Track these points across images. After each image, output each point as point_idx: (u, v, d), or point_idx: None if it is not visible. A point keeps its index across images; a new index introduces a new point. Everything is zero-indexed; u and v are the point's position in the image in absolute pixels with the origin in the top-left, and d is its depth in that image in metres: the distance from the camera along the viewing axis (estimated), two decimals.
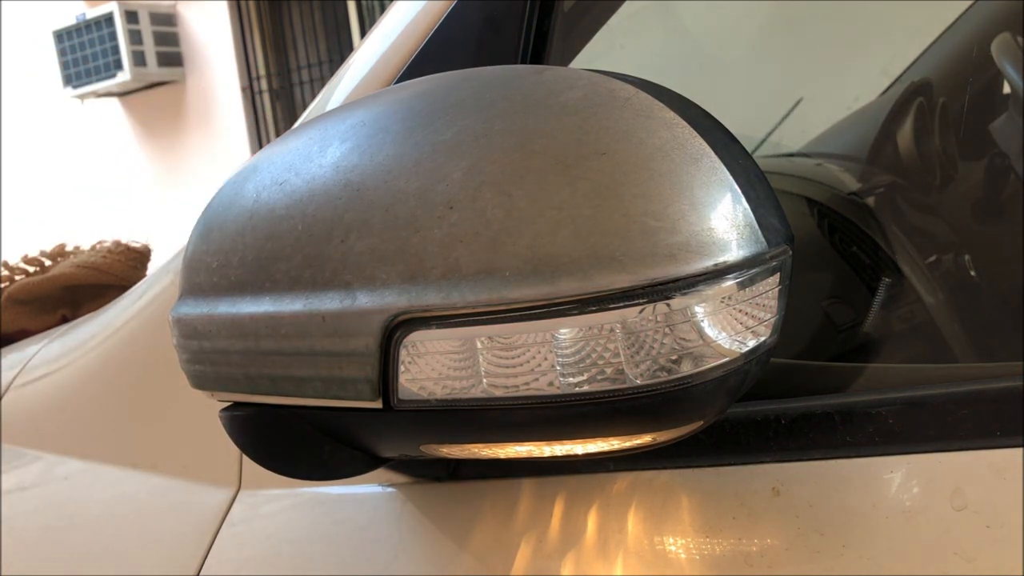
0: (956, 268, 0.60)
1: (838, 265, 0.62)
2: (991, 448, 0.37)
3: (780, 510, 0.40)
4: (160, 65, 4.96)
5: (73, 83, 5.06)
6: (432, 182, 0.34)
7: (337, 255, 0.35)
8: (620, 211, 0.31)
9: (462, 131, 0.34)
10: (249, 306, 0.38)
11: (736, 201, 0.32)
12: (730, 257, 0.32)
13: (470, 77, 0.37)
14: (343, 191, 0.36)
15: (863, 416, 0.40)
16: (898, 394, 0.40)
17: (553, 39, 0.51)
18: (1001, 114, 0.72)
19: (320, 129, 0.39)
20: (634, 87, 0.34)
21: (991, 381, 0.39)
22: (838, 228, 0.64)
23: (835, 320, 0.57)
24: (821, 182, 0.70)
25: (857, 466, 0.39)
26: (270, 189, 0.39)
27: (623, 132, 0.32)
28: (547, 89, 0.35)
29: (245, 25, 4.90)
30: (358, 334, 0.35)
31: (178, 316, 0.42)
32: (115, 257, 1.00)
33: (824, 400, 0.41)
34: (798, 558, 0.39)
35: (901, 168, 0.71)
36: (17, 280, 0.99)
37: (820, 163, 0.78)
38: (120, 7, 4.77)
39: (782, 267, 0.34)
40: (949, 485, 0.37)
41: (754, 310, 0.34)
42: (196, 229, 0.42)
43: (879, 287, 0.57)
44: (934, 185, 0.73)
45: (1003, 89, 0.74)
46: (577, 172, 0.32)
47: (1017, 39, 0.70)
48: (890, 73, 0.90)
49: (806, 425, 0.41)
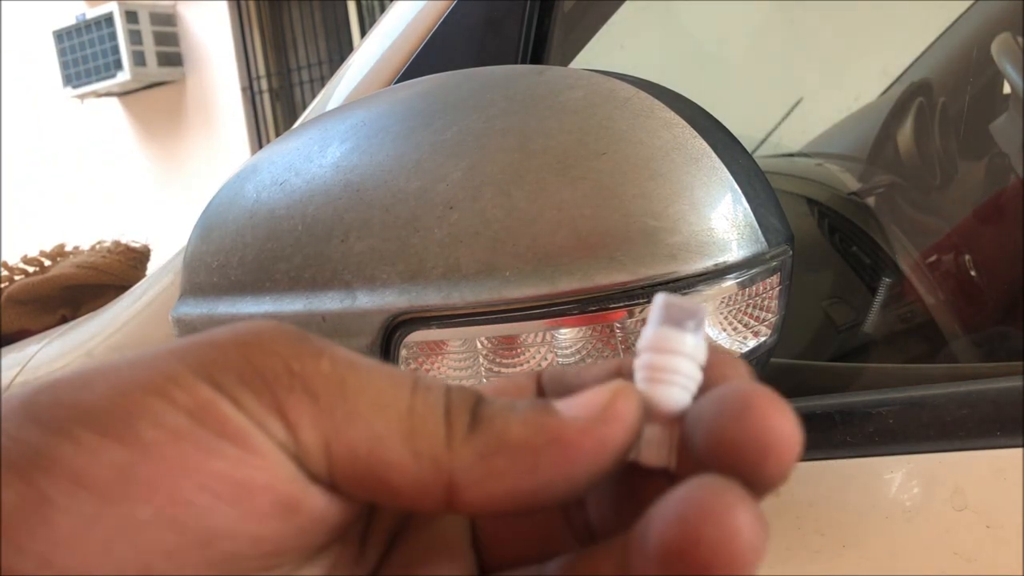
0: (956, 268, 0.60)
1: (838, 265, 0.62)
2: (991, 448, 0.37)
3: (780, 510, 0.40)
4: (160, 65, 4.95)
5: (73, 83, 5.06)
6: (432, 182, 0.34)
7: (337, 255, 0.35)
8: (620, 211, 0.31)
9: (462, 131, 0.34)
10: (249, 306, 0.38)
11: (736, 201, 0.32)
12: (730, 257, 0.32)
13: (470, 77, 0.37)
14: (343, 191, 0.36)
15: (863, 416, 0.40)
16: (898, 394, 0.40)
17: (553, 39, 0.51)
18: (1001, 114, 0.72)
19: (320, 129, 0.39)
20: (634, 87, 0.34)
21: (991, 381, 0.39)
22: (838, 228, 0.64)
23: (835, 320, 0.57)
24: (821, 182, 0.70)
25: (857, 466, 0.39)
26: (270, 189, 0.39)
27: (623, 132, 0.32)
28: (547, 89, 0.35)
29: (245, 25, 4.90)
30: (358, 334, 0.35)
31: (178, 316, 0.42)
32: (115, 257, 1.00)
33: (824, 400, 0.41)
34: (798, 558, 0.39)
35: (901, 168, 0.71)
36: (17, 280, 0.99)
37: (820, 163, 0.78)
38: (120, 7, 4.76)
39: (782, 267, 0.34)
40: (949, 485, 0.37)
41: (754, 310, 0.34)
42: (196, 229, 0.42)
43: (879, 287, 0.57)
44: (934, 185, 0.73)
45: (1003, 89, 0.74)
46: (577, 172, 0.32)
47: (1017, 39, 0.70)
48: (890, 73, 0.90)
49: (806, 425, 0.40)
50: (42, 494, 0.15)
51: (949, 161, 0.73)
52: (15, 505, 0.15)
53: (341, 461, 0.17)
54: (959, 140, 0.73)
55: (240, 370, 0.17)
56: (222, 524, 0.16)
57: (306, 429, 0.17)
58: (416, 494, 0.17)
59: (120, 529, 0.15)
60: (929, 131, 0.72)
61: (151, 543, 0.15)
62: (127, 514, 0.15)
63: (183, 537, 0.15)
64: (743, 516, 0.15)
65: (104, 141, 5.48)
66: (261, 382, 0.17)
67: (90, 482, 0.15)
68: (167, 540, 0.15)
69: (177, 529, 0.15)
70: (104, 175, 5.53)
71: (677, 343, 0.18)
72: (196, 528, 0.16)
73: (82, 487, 0.15)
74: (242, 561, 0.16)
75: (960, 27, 0.85)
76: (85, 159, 5.60)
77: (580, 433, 0.17)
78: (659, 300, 0.19)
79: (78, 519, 0.15)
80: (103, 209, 5.45)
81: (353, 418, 0.17)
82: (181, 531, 0.15)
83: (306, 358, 0.17)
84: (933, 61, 0.87)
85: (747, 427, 0.16)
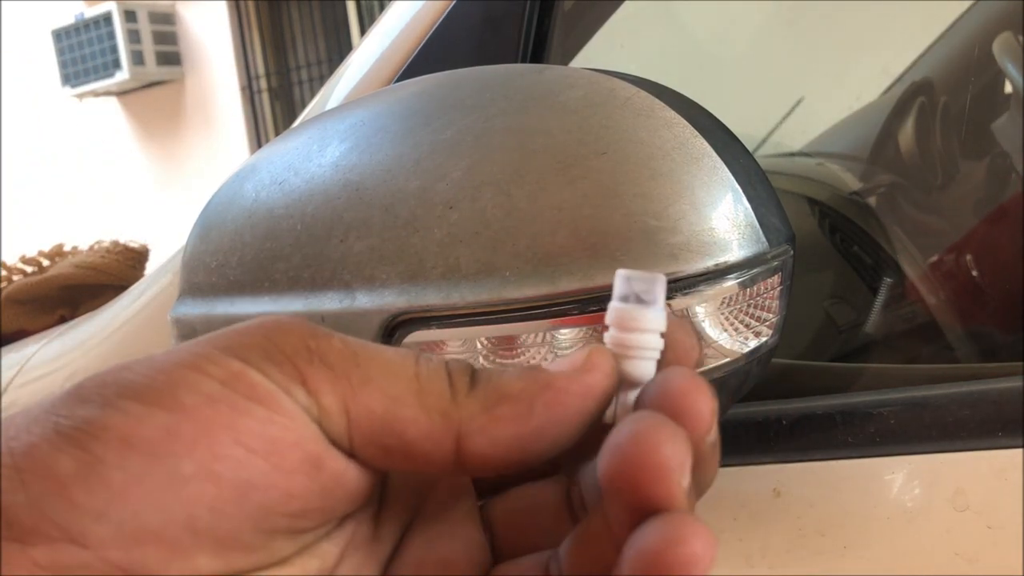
0: (958, 268, 0.60)
1: (839, 265, 0.62)
2: (993, 449, 0.37)
3: (781, 511, 0.40)
4: (159, 64, 4.95)
5: (71, 82, 5.06)
6: (432, 182, 0.34)
7: (336, 255, 0.35)
8: (620, 211, 0.31)
9: (462, 130, 0.34)
10: (248, 306, 0.38)
11: (737, 201, 0.32)
12: (731, 257, 0.32)
13: (470, 76, 0.37)
14: (342, 191, 0.36)
15: (864, 417, 0.40)
16: (899, 395, 0.40)
17: (553, 39, 0.51)
18: (1003, 113, 0.72)
19: (319, 128, 0.39)
20: (635, 86, 0.34)
21: (993, 381, 0.39)
22: (839, 228, 0.64)
23: (836, 320, 0.57)
24: (822, 181, 0.70)
25: (858, 467, 0.39)
26: (269, 189, 0.38)
27: (624, 131, 0.32)
28: (547, 88, 0.34)
29: (244, 24, 4.90)
30: (357, 334, 0.35)
31: (177, 316, 0.42)
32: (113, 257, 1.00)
33: (825, 400, 0.41)
34: (799, 559, 0.39)
35: (903, 168, 0.71)
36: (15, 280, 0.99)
37: (821, 162, 0.78)
38: (119, 6, 4.76)
39: (783, 267, 0.34)
40: (951, 486, 0.37)
41: (755, 310, 0.34)
42: (195, 229, 0.42)
43: (880, 287, 0.57)
44: (936, 185, 0.73)
45: (1005, 88, 0.74)
46: (577, 172, 0.32)
47: (1018, 38, 0.70)
48: (891, 72, 0.89)
49: (807, 426, 0.41)
50: (96, 456, 0.17)
51: (951, 161, 0.72)
52: (72, 469, 0.16)
53: (359, 421, 0.19)
54: (961, 140, 0.73)
55: (264, 348, 0.19)
56: (256, 477, 0.18)
57: (326, 394, 0.19)
58: (429, 446, 0.19)
59: (167, 483, 0.17)
60: (930, 131, 0.72)
61: (194, 495, 0.17)
62: (173, 469, 0.17)
63: (222, 489, 0.17)
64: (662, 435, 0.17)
65: (103, 141, 5.47)
66: (283, 356, 0.19)
67: (139, 442, 0.17)
68: (208, 492, 0.17)
69: (216, 481, 0.17)
70: (102, 175, 5.52)
71: (640, 319, 0.20)
72: (234, 480, 0.17)
73: (132, 447, 0.17)
74: (274, 518, 0.18)
75: (961, 26, 0.85)
76: (83, 158, 5.59)
77: (567, 380, 0.20)
78: (620, 275, 0.21)
79: (129, 475, 0.17)
80: (102, 208, 5.45)
81: (367, 383, 0.19)
82: (220, 483, 0.17)
83: (320, 338, 0.20)
84: (934, 60, 0.86)
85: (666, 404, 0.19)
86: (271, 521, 0.18)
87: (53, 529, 0.16)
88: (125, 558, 0.16)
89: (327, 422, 0.19)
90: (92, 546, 0.16)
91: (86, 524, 0.16)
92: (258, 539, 0.18)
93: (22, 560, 0.16)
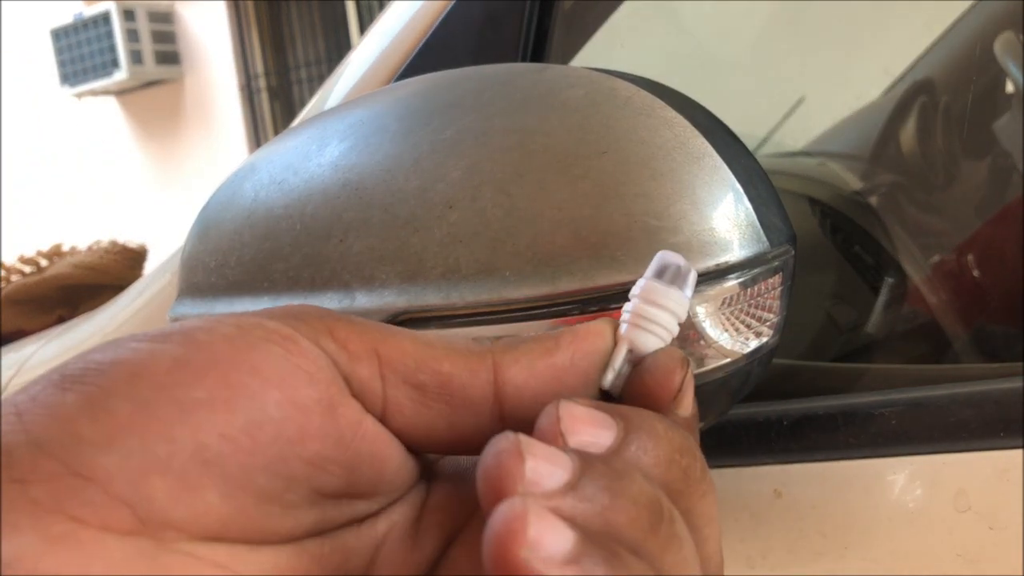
0: (959, 268, 0.60)
1: (841, 265, 0.62)
2: (995, 449, 0.37)
3: (782, 512, 0.39)
4: (158, 63, 4.95)
5: (70, 81, 5.06)
6: (431, 181, 0.34)
7: (336, 255, 0.35)
8: (621, 211, 0.31)
9: (461, 130, 0.34)
10: (248, 306, 0.38)
11: (738, 200, 0.32)
12: (732, 257, 0.32)
13: (469, 75, 0.37)
14: (342, 190, 0.36)
15: (866, 417, 0.39)
16: (901, 395, 0.40)
17: (553, 38, 0.51)
18: (1004, 113, 0.72)
19: (318, 128, 0.39)
20: (635, 86, 0.34)
21: (995, 382, 0.39)
22: (841, 228, 0.64)
23: (837, 320, 0.57)
24: (823, 181, 0.70)
25: (860, 468, 0.39)
26: (268, 188, 0.38)
27: (624, 131, 0.32)
28: (547, 88, 0.34)
29: (243, 23, 4.90)
30: None
31: (176, 316, 0.42)
32: (112, 257, 1.00)
33: (826, 401, 0.41)
34: (800, 560, 0.38)
35: (904, 167, 0.71)
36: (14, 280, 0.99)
37: (822, 162, 0.78)
38: (117, 6, 4.76)
39: (784, 267, 0.34)
40: (952, 487, 0.37)
41: (756, 310, 0.33)
42: (194, 228, 0.42)
43: (882, 287, 0.57)
44: (937, 184, 0.72)
45: (1006, 88, 0.74)
46: (578, 171, 0.32)
47: (1020, 38, 0.70)
48: (892, 72, 0.89)
49: (808, 426, 0.41)
50: (103, 389, 0.16)
51: (952, 160, 0.72)
52: (76, 403, 0.16)
53: (391, 358, 0.19)
54: (962, 139, 0.72)
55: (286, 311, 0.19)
56: (270, 407, 0.17)
57: (355, 341, 0.19)
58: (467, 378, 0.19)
59: (177, 411, 0.16)
60: (932, 130, 0.72)
61: (205, 423, 0.16)
62: (182, 397, 0.16)
63: (234, 416, 0.17)
64: (504, 442, 0.17)
65: (101, 140, 5.47)
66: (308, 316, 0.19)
67: (148, 374, 0.17)
68: (219, 420, 0.17)
69: (228, 409, 0.17)
70: (101, 174, 5.52)
71: (662, 297, 0.21)
72: (247, 409, 0.17)
73: (140, 378, 0.17)
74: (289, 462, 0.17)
75: (963, 26, 0.85)
76: (82, 158, 5.59)
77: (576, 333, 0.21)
78: (660, 255, 0.22)
79: (137, 404, 0.16)
80: (101, 208, 5.45)
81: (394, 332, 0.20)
82: (232, 411, 0.17)
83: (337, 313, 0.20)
84: (935, 60, 0.86)
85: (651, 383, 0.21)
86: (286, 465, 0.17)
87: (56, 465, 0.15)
88: (132, 492, 0.16)
89: (356, 366, 0.19)
90: (98, 479, 0.15)
91: (91, 455, 0.16)
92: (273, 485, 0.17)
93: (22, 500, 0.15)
